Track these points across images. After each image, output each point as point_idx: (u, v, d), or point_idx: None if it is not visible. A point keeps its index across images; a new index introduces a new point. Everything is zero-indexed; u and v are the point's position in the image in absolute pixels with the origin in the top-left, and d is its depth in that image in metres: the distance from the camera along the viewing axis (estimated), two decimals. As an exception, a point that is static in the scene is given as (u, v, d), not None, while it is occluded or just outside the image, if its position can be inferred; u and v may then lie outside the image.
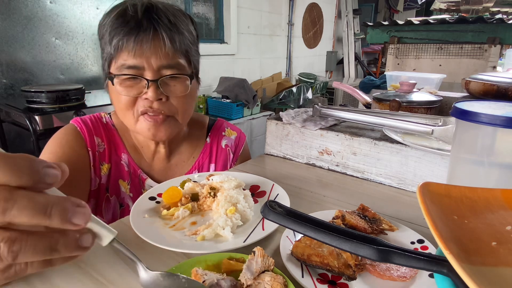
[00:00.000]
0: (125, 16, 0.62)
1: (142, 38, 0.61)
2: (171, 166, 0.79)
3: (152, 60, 0.62)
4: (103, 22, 0.64)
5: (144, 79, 0.63)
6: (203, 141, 0.85)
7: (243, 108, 2.79)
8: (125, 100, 0.64)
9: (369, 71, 5.70)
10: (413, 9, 7.14)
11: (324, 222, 0.35)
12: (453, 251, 0.24)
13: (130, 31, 0.61)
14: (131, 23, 0.61)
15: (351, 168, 0.74)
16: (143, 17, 0.62)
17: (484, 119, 0.39)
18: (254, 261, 0.38)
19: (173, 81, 0.66)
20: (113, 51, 0.62)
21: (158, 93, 0.63)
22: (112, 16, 0.63)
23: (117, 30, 0.61)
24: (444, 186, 0.34)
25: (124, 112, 0.66)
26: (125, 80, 0.63)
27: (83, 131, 0.72)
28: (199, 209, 0.57)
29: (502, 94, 0.94)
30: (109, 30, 0.62)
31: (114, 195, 0.74)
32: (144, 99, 0.64)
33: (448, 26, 2.16)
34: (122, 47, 0.61)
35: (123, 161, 0.75)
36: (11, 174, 0.23)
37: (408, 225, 0.51)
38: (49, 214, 0.23)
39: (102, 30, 0.65)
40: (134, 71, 0.63)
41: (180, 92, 0.66)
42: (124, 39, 0.61)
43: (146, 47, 0.61)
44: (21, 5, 1.84)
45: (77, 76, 2.16)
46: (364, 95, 1.09)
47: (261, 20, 3.70)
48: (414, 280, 0.39)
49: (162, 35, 0.62)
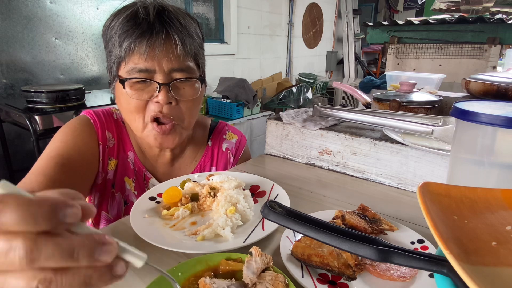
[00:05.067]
0: (137, 19, 0.61)
1: (155, 41, 0.60)
2: (174, 170, 0.80)
3: (163, 63, 0.62)
4: (110, 23, 0.63)
5: (155, 83, 0.62)
6: (205, 144, 0.84)
7: (243, 108, 2.79)
8: (135, 104, 0.64)
9: (369, 71, 5.70)
10: (413, 9, 7.14)
11: (324, 222, 0.35)
12: (453, 251, 0.24)
13: (142, 34, 0.60)
14: (143, 26, 0.61)
15: (351, 168, 0.74)
16: (155, 20, 0.61)
17: (484, 119, 0.39)
18: (253, 260, 0.38)
19: (183, 84, 0.66)
20: (124, 54, 0.62)
21: (169, 97, 0.63)
22: (122, 18, 0.62)
23: (128, 32, 0.61)
24: (444, 186, 0.34)
25: (134, 115, 0.65)
26: (136, 83, 0.63)
27: (96, 124, 0.72)
28: (199, 209, 0.57)
29: (502, 94, 0.94)
30: (119, 33, 0.61)
31: (119, 192, 0.74)
32: (154, 102, 0.64)
33: (448, 26, 2.16)
34: (133, 50, 0.61)
35: (129, 158, 0.75)
36: (31, 222, 0.22)
37: (408, 225, 0.51)
38: (76, 257, 0.23)
39: (110, 32, 0.64)
40: (145, 74, 0.62)
41: (190, 95, 0.66)
42: (136, 42, 0.60)
43: (158, 50, 0.61)
44: (21, 5, 1.84)
45: (77, 76, 2.16)
46: (364, 95, 1.09)
47: (261, 20, 3.70)
48: (414, 280, 0.39)
49: (174, 38, 0.62)
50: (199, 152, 0.83)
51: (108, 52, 0.66)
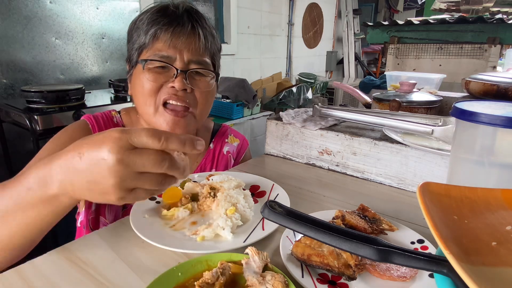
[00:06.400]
0: (166, 10, 0.67)
1: (180, 30, 0.65)
2: None
3: (184, 53, 0.66)
4: (139, 17, 0.68)
5: (174, 68, 0.65)
6: (207, 146, 0.85)
7: (243, 108, 2.79)
8: (150, 86, 0.66)
9: (369, 71, 5.69)
10: (413, 9, 7.14)
11: (324, 222, 0.35)
12: (453, 251, 0.24)
13: (169, 22, 0.65)
14: (172, 16, 0.66)
15: (351, 168, 0.74)
16: (184, 13, 0.67)
17: (484, 119, 0.39)
18: (252, 260, 0.38)
19: (198, 75, 0.69)
20: (148, 40, 0.65)
21: (184, 83, 0.66)
22: (152, 11, 0.67)
23: (156, 21, 0.65)
24: (444, 186, 0.34)
25: (146, 98, 0.67)
26: (155, 67, 0.66)
27: (94, 129, 0.72)
28: (199, 209, 0.57)
29: (502, 94, 0.94)
30: (147, 22, 0.66)
31: None
32: (170, 87, 0.66)
33: (448, 26, 2.16)
34: (159, 37, 0.65)
35: None
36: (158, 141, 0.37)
37: (408, 225, 0.51)
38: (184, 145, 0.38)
39: (137, 24, 0.68)
40: (166, 59, 0.65)
41: (204, 87, 0.69)
42: (162, 29, 0.65)
43: (181, 39, 0.65)
44: (21, 5, 1.84)
45: (77, 76, 2.16)
46: (364, 95, 1.09)
47: (261, 20, 3.70)
48: (414, 280, 0.39)
49: (198, 32, 0.67)
50: (200, 154, 0.83)
51: (131, 43, 0.69)
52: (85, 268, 0.42)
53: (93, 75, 2.25)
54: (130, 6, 2.36)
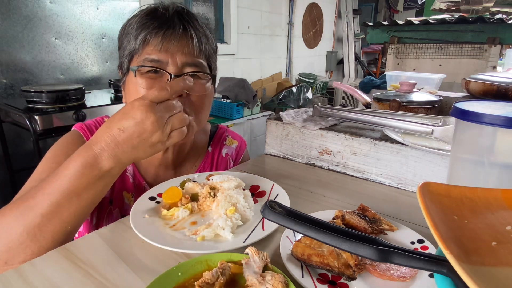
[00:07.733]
0: (156, 13, 0.63)
1: (171, 34, 0.61)
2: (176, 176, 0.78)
3: (177, 57, 0.63)
4: (128, 21, 0.65)
5: (167, 73, 0.62)
6: (205, 150, 0.83)
7: (243, 108, 2.79)
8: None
9: (369, 71, 5.70)
10: (413, 9, 7.14)
11: (324, 222, 0.35)
12: (453, 251, 0.24)
13: (159, 26, 0.61)
14: (161, 19, 0.62)
15: (351, 168, 0.74)
16: (174, 15, 0.63)
17: (484, 119, 0.39)
18: (252, 260, 0.38)
19: (194, 79, 0.65)
20: (138, 46, 0.62)
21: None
22: (141, 14, 0.64)
23: (146, 25, 0.62)
24: (444, 186, 0.34)
25: None
26: (147, 72, 0.62)
27: (88, 138, 0.69)
28: (199, 209, 0.57)
29: (502, 94, 0.94)
30: (136, 26, 0.62)
31: (117, 208, 0.71)
32: None
33: (448, 26, 2.16)
34: (149, 41, 0.61)
35: (128, 172, 0.72)
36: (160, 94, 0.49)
37: (408, 225, 0.51)
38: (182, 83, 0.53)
39: (127, 29, 0.65)
40: (157, 64, 0.62)
41: (200, 90, 0.65)
42: (152, 33, 0.61)
43: (173, 43, 0.62)
44: (21, 5, 1.84)
45: (77, 76, 2.16)
46: (364, 95, 1.09)
47: (261, 20, 3.70)
48: (414, 280, 0.39)
49: (190, 34, 0.63)
50: (199, 157, 0.82)
51: (122, 49, 0.66)
52: (85, 268, 0.42)
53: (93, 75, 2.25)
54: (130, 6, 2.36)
